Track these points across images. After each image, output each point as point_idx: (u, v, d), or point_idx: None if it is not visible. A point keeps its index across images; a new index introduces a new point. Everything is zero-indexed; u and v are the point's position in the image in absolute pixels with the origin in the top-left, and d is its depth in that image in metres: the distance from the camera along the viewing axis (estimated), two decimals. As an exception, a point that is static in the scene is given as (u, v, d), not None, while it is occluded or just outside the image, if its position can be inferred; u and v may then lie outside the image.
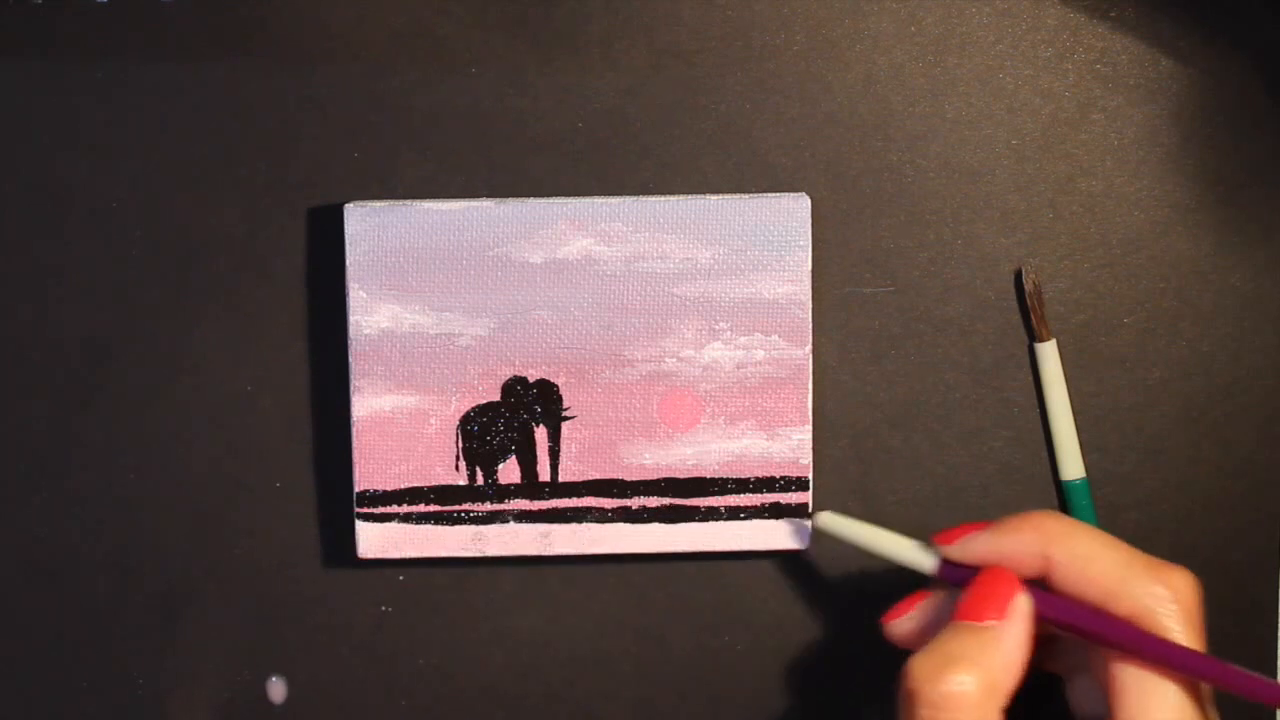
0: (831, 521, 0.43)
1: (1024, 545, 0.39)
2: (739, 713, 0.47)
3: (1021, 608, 0.38)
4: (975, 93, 0.45)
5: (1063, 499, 0.46)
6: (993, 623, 0.38)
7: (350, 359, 0.44)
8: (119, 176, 0.45)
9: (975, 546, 0.40)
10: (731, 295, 0.44)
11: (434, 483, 0.45)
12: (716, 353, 0.44)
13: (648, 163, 0.45)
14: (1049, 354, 0.45)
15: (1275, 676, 0.46)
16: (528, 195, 0.45)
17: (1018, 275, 0.45)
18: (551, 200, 0.44)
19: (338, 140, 0.45)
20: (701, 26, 0.45)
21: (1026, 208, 0.45)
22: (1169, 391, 0.46)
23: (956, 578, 0.40)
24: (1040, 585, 0.39)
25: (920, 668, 0.37)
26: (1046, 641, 0.41)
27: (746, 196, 0.44)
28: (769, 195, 0.44)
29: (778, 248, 0.44)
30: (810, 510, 0.45)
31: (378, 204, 0.44)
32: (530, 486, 0.45)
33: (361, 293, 0.44)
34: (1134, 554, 0.38)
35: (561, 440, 0.45)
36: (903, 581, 0.46)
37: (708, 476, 0.45)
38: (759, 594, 0.46)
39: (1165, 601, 0.37)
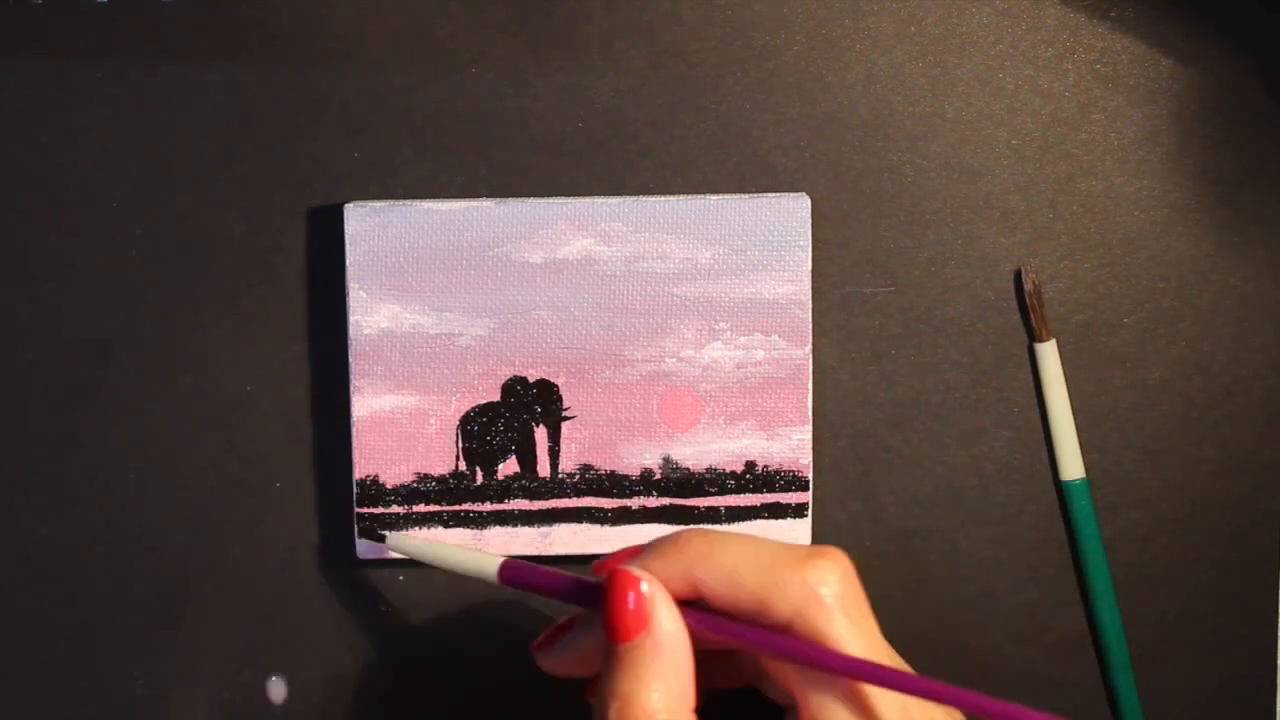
0: (400, 542, 0.43)
1: (669, 569, 0.37)
2: (739, 712, 0.47)
3: (658, 600, 0.36)
4: (975, 93, 0.45)
5: (1062, 499, 0.46)
6: (643, 635, 0.36)
7: (350, 359, 0.44)
8: (119, 176, 0.45)
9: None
10: (731, 295, 0.44)
11: (434, 483, 0.45)
12: (716, 353, 0.44)
13: (648, 163, 0.45)
14: (1049, 354, 0.45)
15: (1275, 676, 0.46)
16: (528, 195, 0.45)
17: (1018, 275, 0.45)
18: (551, 200, 0.44)
19: (338, 140, 0.45)
20: (701, 26, 0.45)
21: (1026, 208, 0.45)
22: (1169, 391, 0.46)
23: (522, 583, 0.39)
24: (699, 606, 0.37)
25: (603, 717, 0.36)
26: (746, 663, 0.40)
27: (746, 196, 0.44)
28: (769, 195, 0.44)
29: (778, 248, 0.44)
30: (810, 510, 0.45)
31: (378, 204, 0.44)
32: (530, 486, 0.45)
33: (361, 293, 0.44)
34: (778, 553, 0.37)
35: (561, 440, 0.45)
36: (901, 581, 0.47)
37: (707, 476, 0.45)
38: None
39: (815, 598, 0.36)
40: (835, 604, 0.36)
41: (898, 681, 0.35)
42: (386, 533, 0.44)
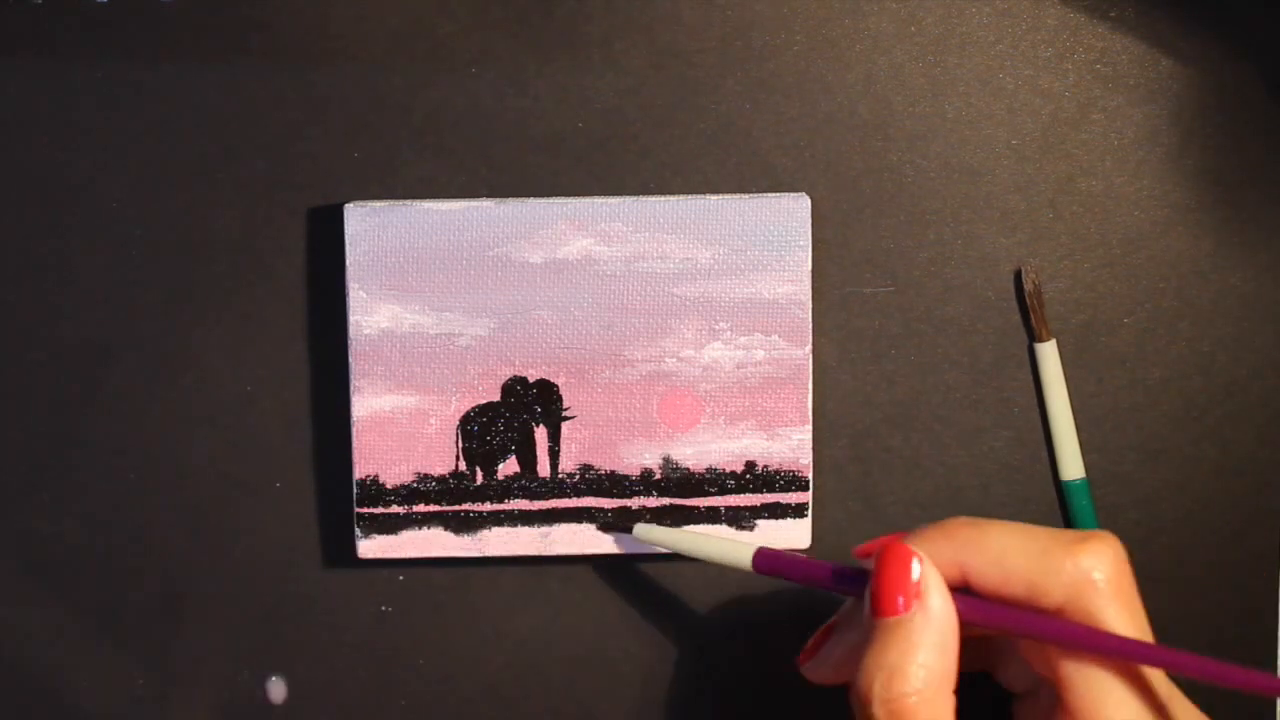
0: (648, 532, 0.44)
1: (938, 555, 0.37)
2: (740, 712, 0.47)
3: (930, 579, 0.37)
4: (975, 93, 0.45)
5: (1063, 499, 0.46)
6: (915, 609, 0.36)
7: (350, 359, 0.44)
8: (119, 176, 0.45)
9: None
10: (731, 295, 0.44)
11: (434, 483, 0.45)
12: (716, 353, 0.44)
13: (648, 163, 0.45)
14: (1049, 354, 0.45)
15: (1276, 675, 0.46)
16: (528, 195, 0.45)
17: (1017, 275, 0.45)
18: (551, 200, 0.44)
19: (338, 140, 0.45)
20: (701, 26, 0.45)
21: (1026, 208, 0.45)
22: (1169, 391, 0.46)
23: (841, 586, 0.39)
24: (966, 591, 0.37)
25: (867, 690, 0.36)
26: (985, 648, 0.40)
27: (746, 196, 0.44)
28: (769, 195, 0.44)
29: (778, 248, 0.44)
30: (810, 510, 0.45)
31: (378, 204, 0.44)
32: (530, 487, 0.45)
33: (361, 293, 0.44)
34: (1049, 538, 0.37)
35: (561, 440, 0.45)
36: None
37: (707, 477, 0.45)
38: (759, 594, 0.46)
39: (1088, 582, 0.36)
40: (1108, 588, 0.36)
41: (1176, 661, 0.35)
42: (636, 524, 0.44)
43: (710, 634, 0.46)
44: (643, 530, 0.44)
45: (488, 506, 0.45)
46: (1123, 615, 0.36)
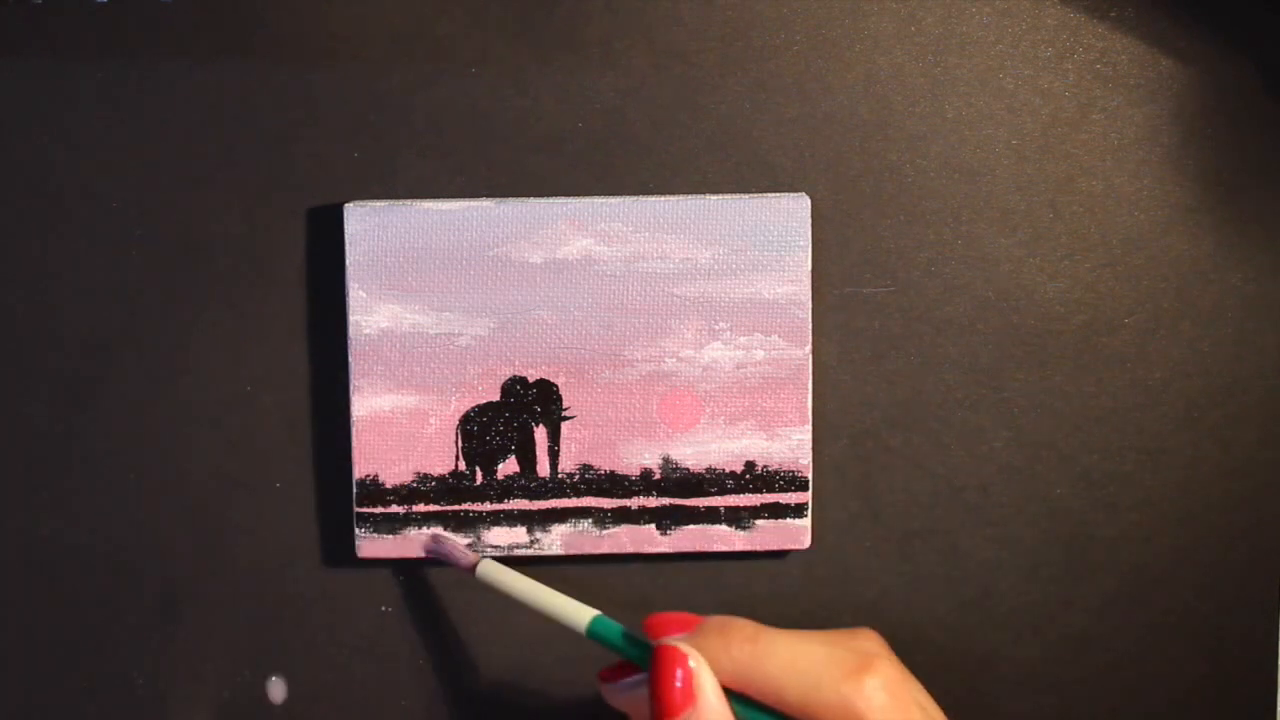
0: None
1: (717, 655, 0.38)
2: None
3: (703, 683, 0.37)
4: (975, 93, 0.45)
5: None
6: (691, 711, 0.37)
7: (350, 359, 0.44)
8: (119, 176, 0.45)
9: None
10: (731, 295, 0.44)
11: (434, 482, 0.45)
12: (716, 353, 0.44)
13: (648, 163, 0.45)
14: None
15: (1275, 676, 0.46)
16: (528, 195, 0.45)
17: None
18: (551, 200, 0.44)
19: (338, 140, 0.45)
20: (701, 26, 0.45)
21: (1026, 208, 0.45)
22: (1169, 391, 0.46)
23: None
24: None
25: None
26: None
27: (746, 196, 0.44)
28: (769, 195, 0.44)
29: (778, 248, 0.44)
30: (810, 510, 0.45)
31: (378, 204, 0.44)
32: (530, 486, 0.45)
33: (361, 293, 0.44)
34: (822, 667, 0.37)
35: (561, 440, 0.45)
36: (901, 581, 0.47)
37: (707, 476, 0.45)
38: (759, 594, 0.46)
39: (862, 714, 0.36)
40: (886, 694, 0.36)
41: None
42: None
43: (710, 634, 0.46)
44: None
45: (487, 506, 0.45)
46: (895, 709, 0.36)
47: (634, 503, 0.45)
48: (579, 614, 0.41)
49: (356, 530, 0.45)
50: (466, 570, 0.44)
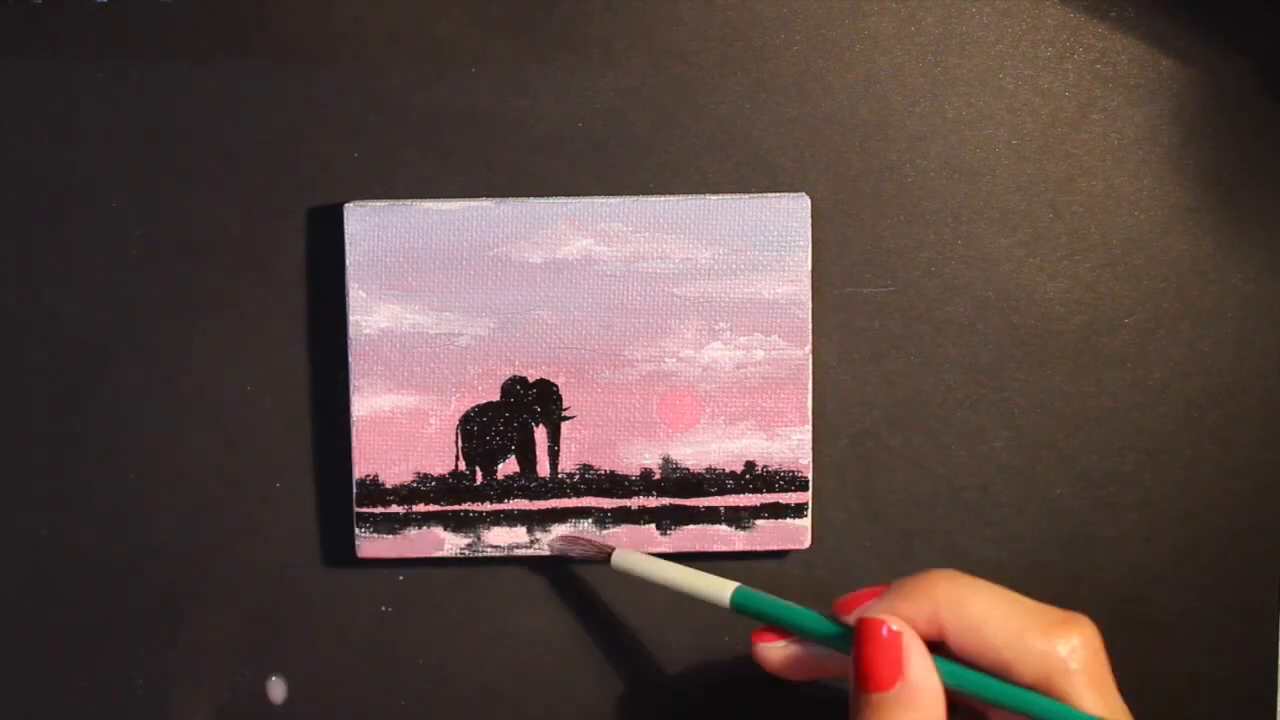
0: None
1: (918, 611, 0.37)
2: (740, 713, 0.47)
3: (913, 655, 0.37)
4: (975, 93, 0.45)
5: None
6: (899, 687, 0.36)
7: (350, 359, 0.44)
8: (119, 176, 0.45)
9: (872, 615, 0.38)
10: (731, 295, 0.44)
11: (434, 482, 0.45)
12: (716, 353, 0.44)
13: (648, 163, 0.45)
14: None
15: (1275, 676, 0.46)
16: (528, 195, 0.45)
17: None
18: (551, 200, 0.44)
19: (338, 140, 0.45)
20: (701, 26, 0.45)
21: (1026, 208, 0.45)
22: (1169, 391, 0.46)
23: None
24: (940, 649, 0.37)
25: None
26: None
27: (746, 196, 0.44)
28: (769, 195, 0.44)
29: (778, 248, 0.44)
30: (810, 510, 0.45)
31: (378, 204, 0.44)
32: (530, 486, 0.45)
33: (361, 293, 0.44)
34: (1027, 615, 0.37)
35: (561, 440, 0.45)
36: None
37: (707, 476, 0.45)
38: (759, 594, 0.46)
39: (1062, 665, 0.36)
40: (1082, 675, 0.36)
41: None
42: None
43: (711, 634, 0.46)
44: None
45: (487, 506, 0.45)
46: (1096, 700, 0.36)
47: (634, 503, 0.45)
48: (721, 589, 0.41)
49: (356, 530, 0.45)
50: (602, 561, 0.44)
